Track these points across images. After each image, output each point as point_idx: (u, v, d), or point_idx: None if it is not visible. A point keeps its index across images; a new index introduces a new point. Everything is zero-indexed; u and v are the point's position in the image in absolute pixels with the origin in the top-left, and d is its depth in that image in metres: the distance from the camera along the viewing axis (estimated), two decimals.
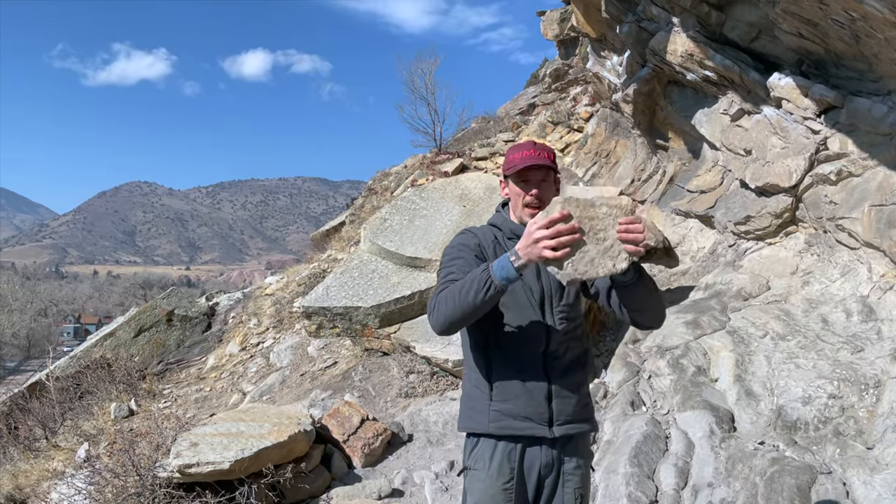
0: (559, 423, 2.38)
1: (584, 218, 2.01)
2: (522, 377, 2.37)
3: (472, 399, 2.46)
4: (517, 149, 2.47)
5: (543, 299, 2.41)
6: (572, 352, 2.45)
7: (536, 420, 2.36)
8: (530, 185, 2.42)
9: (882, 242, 5.33)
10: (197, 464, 4.55)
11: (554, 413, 2.37)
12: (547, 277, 2.42)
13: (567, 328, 2.42)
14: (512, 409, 2.37)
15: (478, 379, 2.44)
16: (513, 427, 2.36)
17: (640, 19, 7.98)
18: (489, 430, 2.38)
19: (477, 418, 2.42)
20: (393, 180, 14.95)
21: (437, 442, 5.60)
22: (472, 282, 2.14)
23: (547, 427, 2.36)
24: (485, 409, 2.40)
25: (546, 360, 2.39)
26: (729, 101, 7.23)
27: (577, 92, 14.63)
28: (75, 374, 8.93)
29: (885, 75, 5.44)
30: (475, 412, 2.43)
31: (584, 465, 2.46)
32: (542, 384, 2.37)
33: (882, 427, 4.33)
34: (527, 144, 2.46)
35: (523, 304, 2.39)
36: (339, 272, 7.78)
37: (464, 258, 2.36)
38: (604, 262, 2.01)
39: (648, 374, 5.59)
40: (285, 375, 7.96)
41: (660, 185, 8.83)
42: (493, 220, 2.57)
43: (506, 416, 2.37)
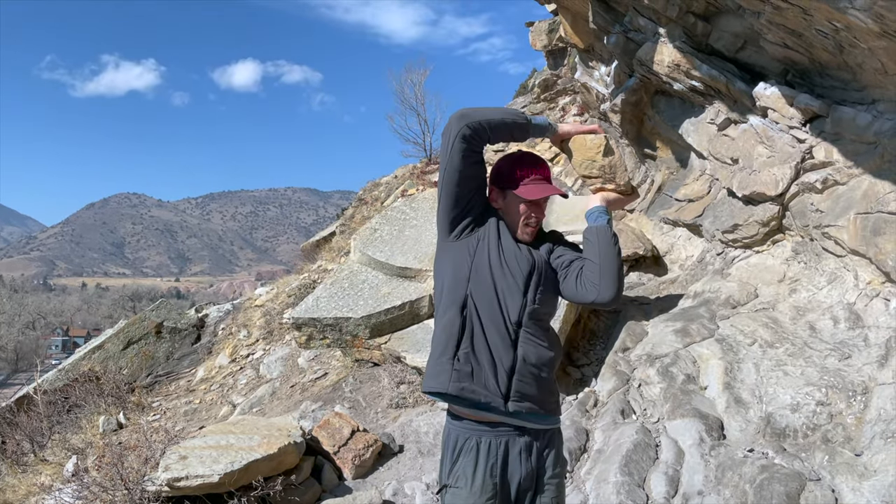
0: (514, 400, 2.37)
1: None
2: (491, 345, 2.37)
3: (434, 357, 2.45)
4: (523, 164, 2.48)
5: (530, 275, 2.42)
6: (544, 335, 2.46)
7: (492, 391, 2.35)
8: (540, 208, 2.48)
9: (868, 250, 5.38)
10: (186, 477, 4.52)
11: (513, 388, 2.37)
12: (539, 257, 2.46)
13: (543, 309, 2.44)
14: (475, 373, 2.36)
15: (447, 338, 2.41)
16: (470, 391, 2.35)
17: (628, 30, 8.04)
18: (448, 389, 2.36)
19: (439, 378, 2.40)
20: (383, 190, 14.97)
21: (429, 453, 5.58)
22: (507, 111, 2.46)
23: (502, 401, 2.36)
24: (447, 369, 2.38)
25: (518, 334, 2.39)
26: (715, 110, 7.29)
27: (566, 102, 14.71)
28: (63, 387, 8.86)
29: (870, 85, 5.51)
30: (437, 370, 2.41)
31: (559, 474, 2.48)
32: (508, 356, 2.37)
33: (870, 433, 4.35)
34: (533, 159, 2.49)
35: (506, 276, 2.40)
36: (329, 283, 7.77)
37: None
38: None
39: (638, 382, 5.61)
40: (275, 387, 7.93)
41: (648, 194, 8.87)
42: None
43: (466, 378, 2.35)
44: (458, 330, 2.40)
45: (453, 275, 2.45)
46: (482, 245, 2.44)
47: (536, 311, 2.42)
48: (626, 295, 7.39)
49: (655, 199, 8.74)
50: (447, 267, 2.49)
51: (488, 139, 2.43)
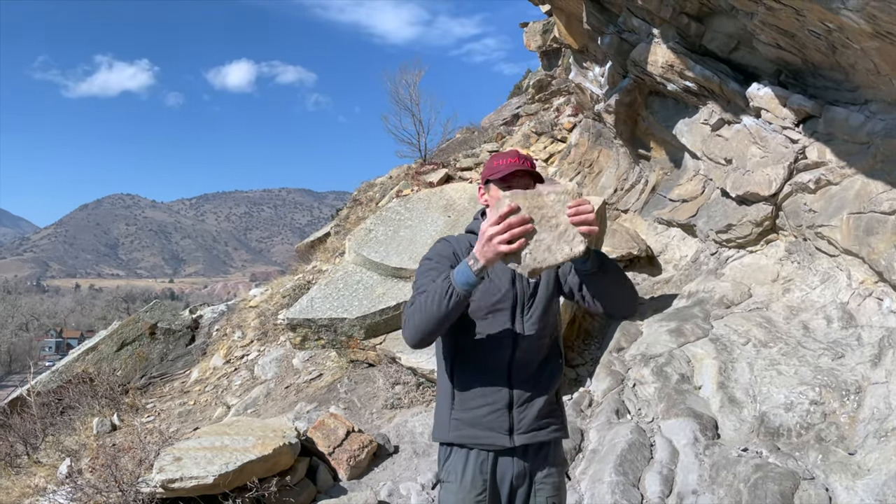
0: (520, 432, 2.36)
1: (533, 208, 2.03)
2: (484, 386, 2.37)
3: (438, 407, 2.48)
4: (501, 156, 2.46)
5: (515, 305, 2.39)
6: (541, 358, 2.43)
7: (496, 429, 2.35)
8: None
9: (861, 250, 5.40)
10: (180, 478, 4.50)
11: (514, 422, 2.36)
12: (520, 283, 2.42)
13: (538, 334, 2.40)
14: (472, 418, 2.37)
15: (444, 387, 2.45)
16: (472, 436, 2.36)
17: (622, 31, 8.06)
18: (450, 438, 2.39)
19: (441, 427, 2.43)
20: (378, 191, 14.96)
21: (424, 453, 5.58)
22: (435, 292, 2.14)
23: (507, 436, 2.36)
24: (446, 418, 2.41)
25: (511, 367, 2.38)
26: (709, 111, 7.31)
27: (560, 102, 14.73)
28: (57, 388, 8.82)
29: (862, 85, 5.53)
30: (440, 421, 2.45)
31: (556, 473, 2.45)
32: (503, 393, 2.36)
33: (863, 432, 4.37)
34: (511, 153, 2.45)
35: (495, 312, 2.38)
36: (323, 283, 7.76)
37: (436, 269, 2.35)
38: (560, 248, 2.02)
39: (633, 382, 5.62)
40: (270, 388, 7.91)
41: (642, 195, 8.89)
42: (471, 226, 2.55)
43: (465, 426, 2.37)
44: (448, 379, 2.42)
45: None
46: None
47: (530, 338, 2.39)
48: None
49: (649, 199, 8.75)
50: None
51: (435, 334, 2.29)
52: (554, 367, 2.48)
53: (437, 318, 2.15)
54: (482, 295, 2.37)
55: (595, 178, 10.32)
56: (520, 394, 2.38)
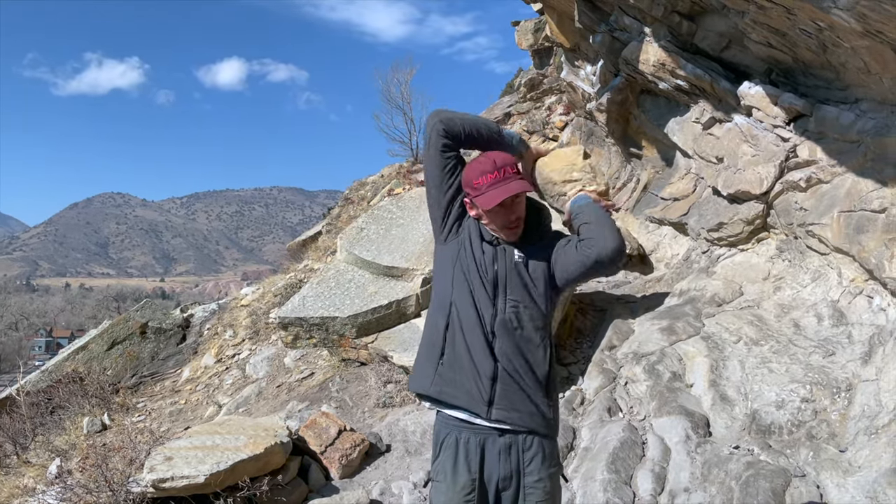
0: (499, 408, 2.35)
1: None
2: (472, 351, 2.37)
3: (421, 358, 2.48)
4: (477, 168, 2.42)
5: (497, 285, 2.40)
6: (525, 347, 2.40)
7: (475, 397, 2.35)
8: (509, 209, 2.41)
9: (851, 248, 5.42)
10: (171, 478, 4.48)
11: (496, 395, 2.35)
12: (503, 264, 2.42)
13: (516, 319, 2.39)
14: (456, 379, 2.38)
15: (434, 339, 2.44)
16: (452, 395, 2.37)
17: (613, 29, 8.07)
18: (429, 391, 2.40)
19: (422, 378, 2.44)
20: (369, 190, 14.93)
21: (416, 452, 5.57)
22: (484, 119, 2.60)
23: (485, 407, 2.35)
24: (431, 372, 2.42)
25: (494, 343, 2.37)
26: (700, 109, 7.33)
27: (552, 101, 14.74)
28: (47, 388, 8.77)
29: (853, 84, 5.55)
30: (422, 372, 2.45)
31: (547, 478, 2.41)
32: (488, 365, 2.36)
33: (854, 430, 4.39)
34: (486, 163, 2.41)
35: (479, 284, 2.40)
36: (315, 282, 7.73)
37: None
38: None
39: (625, 380, 5.63)
40: (261, 387, 7.89)
41: (634, 193, 8.91)
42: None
43: (448, 384, 2.38)
44: (442, 335, 2.42)
45: (441, 279, 2.49)
46: (464, 249, 2.44)
47: (508, 320, 2.38)
48: (612, 293, 7.42)
49: (641, 197, 8.77)
50: (437, 269, 2.53)
51: (462, 139, 2.47)
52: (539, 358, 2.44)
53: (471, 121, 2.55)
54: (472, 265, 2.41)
55: None
56: (506, 373, 2.37)
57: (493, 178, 2.37)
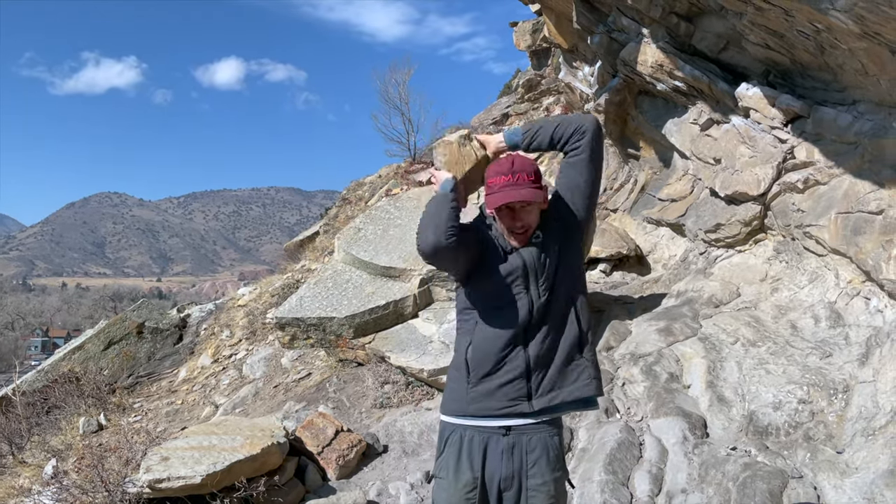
0: (539, 396, 2.37)
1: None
2: (500, 358, 2.38)
3: (452, 381, 2.49)
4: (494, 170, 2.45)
5: (528, 274, 2.41)
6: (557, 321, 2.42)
7: (515, 397, 2.36)
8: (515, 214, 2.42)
9: (848, 249, 5.43)
10: (168, 478, 4.47)
11: (532, 387, 2.37)
12: (528, 255, 2.43)
13: (552, 300, 2.41)
14: (489, 390, 2.38)
15: (459, 361, 2.46)
16: (491, 408, 2.38)
17: (611, 30, 8.07)
18: (468, 411, 2.40)
19: (457, 401, 2.44)
20: (367, 190, 14.93)
21: (413, 453, 5.57)
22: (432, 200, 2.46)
23: (527, 402, 2.37)
24: (462, 391, 2.42)
25: (527, 335, 2.39)
26: (698, 110, 7.33)
27: (550, 102, 14.75)
28: (43, 388, 8.75)
29: (850, 85, 5.56)
30: (456, 394, 2.45)
31: (552, 482, 2.41)
32: (519, 361, 2.37)
33: (851, 431, 4.39)
34: (504, 165, 2.43)
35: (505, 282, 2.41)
36: (312, 282, 7.72)
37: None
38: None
39: (622, 381, 5.62)
40: (258, 387, 7.88)
41: (631, 194, 8.91)
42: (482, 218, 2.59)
43: (484, 397, 2.38)
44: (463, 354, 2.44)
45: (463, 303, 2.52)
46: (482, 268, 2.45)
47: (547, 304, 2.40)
48: (609, 294, 7.42)
49: (639, 198, 8.77)
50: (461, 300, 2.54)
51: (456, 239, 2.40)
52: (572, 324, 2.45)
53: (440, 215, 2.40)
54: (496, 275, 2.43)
55: None
56: (536, 360, 2.38)
57: (506, 180, 2.38)
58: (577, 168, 2.45)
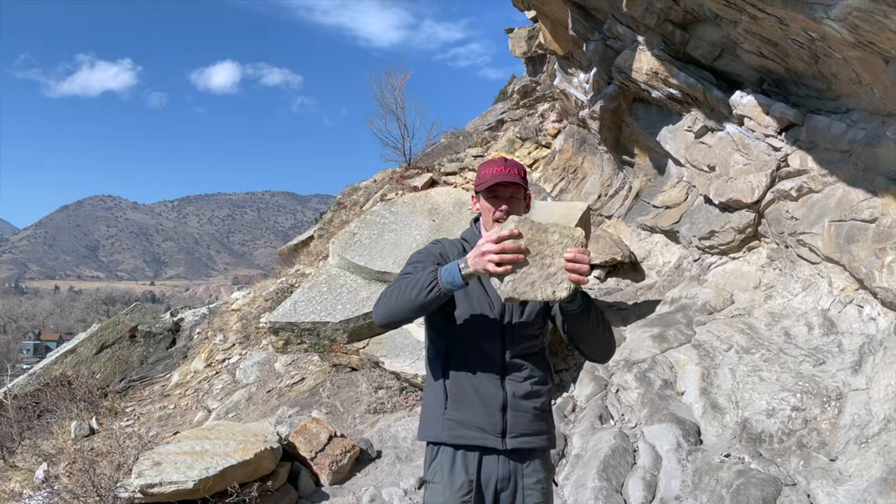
0: (512, 436, 2.38)
1: (534, 241, 2.07)
2: (478, 387, 2.39)
3: (428, 407, 2.48)
4: (488, 165, 2.48)
5: (504, 312, 2.41)
6: (532, 366, 2.45)
7: (489, 431, 2.37)
8: (500, 201, 2.43)
9: (842, 257, 5.45)
10: (160, 483, 4.45)
11: (508, 425, 2.38)
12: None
13: (526, 343, 2.43)
14: (465, 419, 2.38)
15: (435, 387, 2.46)
16: (465, 437, 2.37)
17: (607, 37, 8.10)
18: (442, 438, 2.40)
19: (432, 426, 2.44)
20: (362, 195, 14.92)
21: (406, 458, 5.55)
22: (419, 281, 2.19)
23: (500, 438, 2.37)
24: (439, 418, 2.42)
25: (504, 371, 2.40)
26: (693, 118, 7.36)
27: (545, 108, 14.78)
28: (34, 392, 8.70)
29: (844, 94, 5.59)
30: (430, 420, 2.45)
31: (545, 479, 2.45)
32: (497, 395, 2.38)
33: (844, 439, 4.40)
34: (498, 161, 2.48)
35: (484, 315, 2.41)
36: (307, 287, 7.71)
37: (423, 263, 2.40)
38: (544, 287, 2.06)
39: (616, 387, 5.63)
40: (252, 392, 7.85)
41: (626, 201, 8.93)
42: (465, 234, 2.60)
43: (459, 426, 2.38)
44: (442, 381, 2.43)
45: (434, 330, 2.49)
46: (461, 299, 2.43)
47: (518, 347, 2.41)
48: (603, 300, 7.43)
49: (633, 205, 8.79)
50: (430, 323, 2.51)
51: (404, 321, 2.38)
52: (546, 375, 2.50)
53: (410, 305, 2.21)
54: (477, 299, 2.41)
55: (579, 183, 10.35)
56: (514, 398, 2.39)
57: (499, 171, 2.42)
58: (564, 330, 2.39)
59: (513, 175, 2.41)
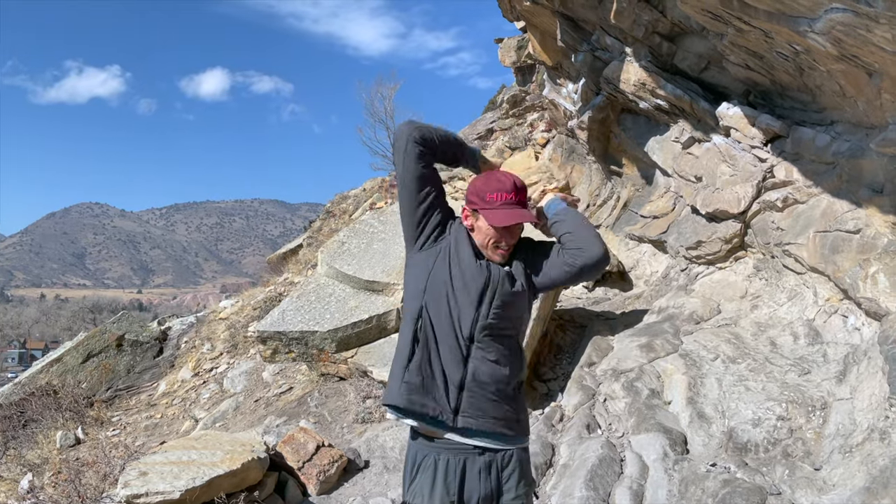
0: (465, 415, 2.35)
1: None
2: (441, 358, 2.37)
3: (393, 370, 2.46)
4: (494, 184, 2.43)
5: (485, 290, 2.39)
6: (500, 350, 2.41)
7: (442, 405, 2.35)
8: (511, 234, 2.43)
9: (827, 267, 5.50)
10: (146, 493, 4.42)
11: (463, 403, 2.35)
12: (497, 271, 2.42)
13: (499, 323, 2.39)
14: (421, 386, 2.36)
15: (401, 351, 2.43)
16: (419, 403, 2.35)
17: (595, 48, 8.16)
18: (397, 401, 2.37)
19: (390, 390, 2.42)
20: (351, 203, 14.93)
21: (394, 468, 5.54)
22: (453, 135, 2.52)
23: (451, 415, 2.35)
24: (398, 381, 2.39)
25: (469, 349, 2.37)
26: (680, 129, 7.42)
27: (534, 118, 14.85)
28: (19, 401, 8.63)
29: (828, 106, 5.65)
30: (391, 383, 2.43)
31: (524, 495, 2.42)
32: (458, 371, 2.36)
33: (829, 448, 4.43)
34: (506, 182, 2.42)
35: (464, 284, 2.38)
36: (295, 296, 7.70)
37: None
38: None
39: (604, 397, 5.64)
40: (239, 401, 7.82)
41: (614, 211, 8.98)
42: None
43: (414, 391, 2.36)
44: (410, 343, 2.40)
45: (413, 287, 2.46)
46: (442, 257, 2.43)
47: (490, 325, 2.38)
48: (591, 310, 7.46)
49: (621, 215, 8.84)
50: (409, 279, 2.50)
51: (436, 148, 2.44)
52: (514, 363, 2.45)
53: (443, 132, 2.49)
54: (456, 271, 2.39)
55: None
56: (474, 377, 2.36)
57: (509, 198, 2.38)
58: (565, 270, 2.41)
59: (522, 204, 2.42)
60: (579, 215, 2.47)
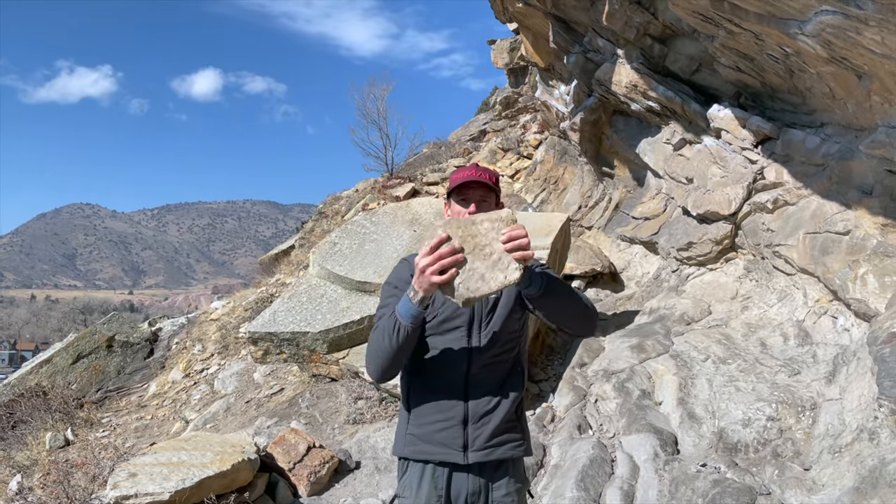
0: (474, 450, 2.33)
1: (466, 237, 2.01)
2: (439, 401, 2.35)
3: (399, 422, 2.47)
4: (460, 170, 2.45)
5: (472, 321, 2.36)
6: (499, 374, 2.39)
7: (451, 445, 2.33)
8: (469, 202, 2.37)
9: (816, 269, 5.53)
10: (135, 495, 4.40)
11: (469, 439, 2.33)
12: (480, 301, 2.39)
13: (494, 350, 2.36)
14: (426, 434, 2.35)
15: (402, 402, 2.45)
16: (426, 452, 2.34)
17: (587, 50, 8.18)
18: (404, 453, 2.37)
19: (398, 442, 2.42)
20: (344, 204, 14.90)
21: (385, 469, 5.54)
22: (385, 329, 2.18)
23: (461, 453, 2.33)
24: (402, 433, 2.40)
25: (467, 383, 2.35)
26: (671, 130, 7.45)
27: (527, 119, 14.89)
28: (9, 402, 8.58)
29: (818, 109, 5.68)
30: (398, 435, 2.44)
31: (515, 492, 2.41)
32: (458, 408, 2.34)
33: (818, 448, 4.45)
34: (470, 166, 2.44)
35: (450, 328, 2.35)
36: (287, 297, 7.68)
37: (395, 296, 2.32)
38: (495, 276, 1.99)
39: (595, 397, 5.65)
40: (230, 402, 7.80)
41: (606, 212, 9.00)
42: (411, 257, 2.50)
43: (420, 441, 2.35)
44: (405, 394, 2.42)
45: None
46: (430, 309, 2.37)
47: (486, 351, 2.35)
48: None
49: (613, 216, 8.86)
50: None
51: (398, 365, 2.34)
52: (515, 382, 2.44)
53: (391, 353, 2.20)
54: (440, 311, 2.35)
55: (560, 194, 10.42)
56: (476, 410, 2.34)
57: (469, 174, 2.38)
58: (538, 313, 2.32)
59: (482, 177, 2.35)
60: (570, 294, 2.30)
